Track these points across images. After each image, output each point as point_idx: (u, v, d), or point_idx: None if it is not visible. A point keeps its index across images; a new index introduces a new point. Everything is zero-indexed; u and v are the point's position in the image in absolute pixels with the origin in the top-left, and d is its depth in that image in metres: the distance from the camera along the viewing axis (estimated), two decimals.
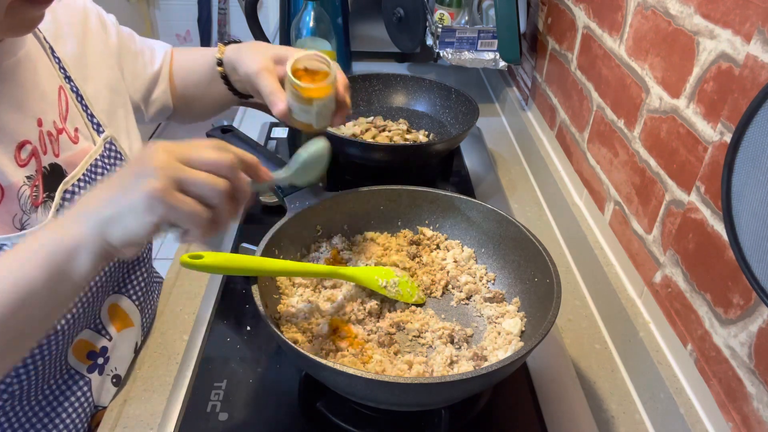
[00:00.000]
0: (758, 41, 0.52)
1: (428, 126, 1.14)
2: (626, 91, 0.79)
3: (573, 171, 0.98)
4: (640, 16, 0.75)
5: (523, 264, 0.71)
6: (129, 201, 0.46)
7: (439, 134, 1.12)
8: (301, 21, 1.15)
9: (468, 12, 1.31)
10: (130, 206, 0.46)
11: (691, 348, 0.63)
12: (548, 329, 0.56)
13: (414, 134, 1.10)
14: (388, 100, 1.20)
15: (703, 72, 0.61)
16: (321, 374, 0.56)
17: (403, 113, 1.18)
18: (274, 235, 0.67)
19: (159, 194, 0.46)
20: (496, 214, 0.74)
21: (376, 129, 1.09)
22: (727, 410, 0.57)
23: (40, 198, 0.59)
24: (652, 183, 0.72)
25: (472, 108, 1.07)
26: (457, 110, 1.12)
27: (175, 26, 3.32)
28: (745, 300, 0.54)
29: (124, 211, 0.47)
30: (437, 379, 0.51)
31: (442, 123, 1.14)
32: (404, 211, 0.80)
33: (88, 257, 0.47)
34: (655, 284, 0.70)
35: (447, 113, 1.15)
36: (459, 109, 1.12)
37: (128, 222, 0.47)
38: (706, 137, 0.60)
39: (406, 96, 1.19)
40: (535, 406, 0.66)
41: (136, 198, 0.46)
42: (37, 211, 0.58)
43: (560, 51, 1.05)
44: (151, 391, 0.68)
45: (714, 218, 0.58)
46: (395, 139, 1.06)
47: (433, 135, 1.12)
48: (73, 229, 0.47)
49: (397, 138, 1.06)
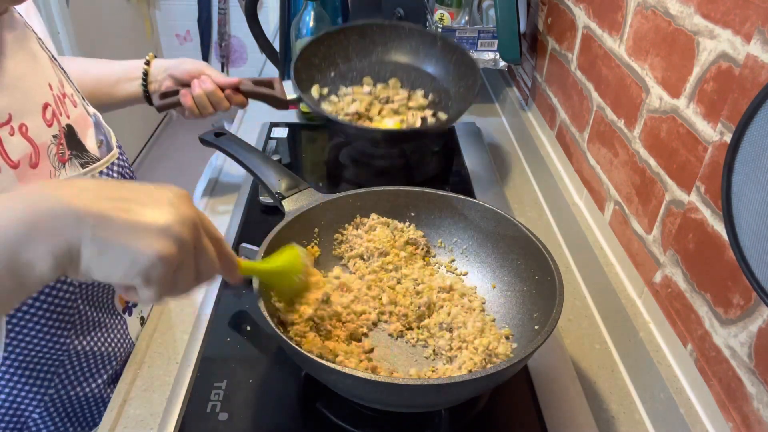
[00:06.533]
0: (758, 41, 0.52)
1: (424, 83, 1.08)
2: (626, 91, 0.79)
3: (573, 171, 0.98)
4: (640, 16, 0.75)
5: (523, 263, 0.71)
6: (128, 243, 0.40)
7: (438, 93, 1.07)
8: (301, 21, 1.15)
9: (468, 12, 1.31)
10: (125, 249, 0.40)
11: (691, 348, 0.63)
12: (553, 327, 0.56)
13: (415, 98, 1.07)
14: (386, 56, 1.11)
15: (703, 72, 0.61)
16: (323, 376, 0.56)
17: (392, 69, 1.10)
18: (273, 239, 0.67)
19: (168, 266, 0.41)
20: (495, 213, 0.74)
21: (380, 102, 1.05)
22: (727, 410, 0.57)
23: (66, 155, 0.64)
24: (652, 183, 0.72)
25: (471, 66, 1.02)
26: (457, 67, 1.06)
27: (175, 26, 3.32)
28: (745, 300, 0.54)
29: (114, 247, 0.40)
30: (438, 381, 0.51)
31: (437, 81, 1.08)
32: (402, 211, 0.80)
33: (46, 259, 0.40)
34: (655, 284, 0.70)
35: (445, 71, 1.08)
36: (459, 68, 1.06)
37: (111, 260, 0.40)
38: (706, 137, 0.60)
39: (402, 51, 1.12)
40: (535, 406, 0.66)
41: (139, 248, 0.40)
42: (65, 167, 0.64)
43: (560, 51, 1.05)
44: (151, 391, 0.68)
45: (714, 218, 0.58)
46: (401, 111, 1.03)
47: (433, 95, 1.07)
48: (43, 221, 0.39)
49: (403, 109, 1.04)
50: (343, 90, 1.08)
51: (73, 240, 0.39)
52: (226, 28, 3.29)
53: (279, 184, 0.77)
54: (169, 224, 0.41)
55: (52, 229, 0.39)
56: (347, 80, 1.10)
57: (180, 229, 0.41)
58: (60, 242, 0.39)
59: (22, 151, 0.58)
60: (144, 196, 0.43)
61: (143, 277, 0.41)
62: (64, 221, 0.39)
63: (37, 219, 0.39)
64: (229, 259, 0.50)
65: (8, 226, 0.39)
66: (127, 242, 0.40)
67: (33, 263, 0.39)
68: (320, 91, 1.07)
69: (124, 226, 0.40)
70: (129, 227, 0.40)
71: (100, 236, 0.39)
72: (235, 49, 3.37)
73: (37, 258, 0.39)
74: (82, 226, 0.39)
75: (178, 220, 0.42)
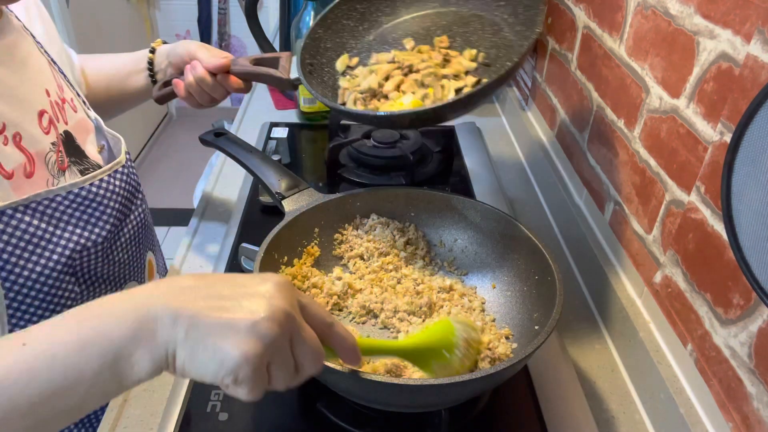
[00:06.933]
0: (758, 41, 0.52)
1: (483, 36, 0.79)
2: (626, 91, 0.79)
3: (573, 171, 0.98)
4: (640, 16, 0.75)
5: (523, 263, 0.71)
6: (215, 344, 0.39)
7: (497, 48, 0.77)
8: (301, 21, 1.15)
9: None
10: (212, 349, 0.39)
11: (691, 348, 0.63)
12: (553, 327, 0.56)
13: (456, 62, 0.77)
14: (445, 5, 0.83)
15: (703, 72, 0.61)
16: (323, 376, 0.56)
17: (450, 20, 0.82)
18: (273, 239, 0.67)
19: (254, 365, 0.39)
20: (495, 213, 0.74)
21: (401, 71, 0.78)
22: (727, 410, 0.57)
23: (66, 163, 0.64)
24: (652, 183, 0.72)
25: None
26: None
27: (175, 26, 3.33)
28: (745, 300, 0.54)
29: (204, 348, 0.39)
30: (438, 381, 0.51)
31: (497, 25, 0.79)
32: (402, 211, 0.80)
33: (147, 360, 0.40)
34: (655, 284, 0.70)
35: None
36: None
37: (201, 360, 0.40)
38: (706, 137, 0.60)
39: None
40: (535, 406, 0.66)
41: (224, 348, 0.39)
42: (64, 174, 0.64)
43: (560, 51, 1.05)
44: (151, 391, 0.68)
45: (714, 218, 0.58)
46: (427, 82, 0.75)
47: (489, 53, 0.77)
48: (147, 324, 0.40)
49: (430, 80, 0.74)
50: (374, 58, 0.84)
51: (169, 341, 0.39)
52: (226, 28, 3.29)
53: (279, 184, 0.77)
54: (257, 321, 0.39)
55: (152, 332, 0.39)
56: (387, 43, 0.86)
57: (268, 325, 0.40)
58: (158, 345, 0.39)
59: (16, 161, 0.58)
60: (242, 291, 0.41)
61: (232, 378, 0.40)
62: (162, 323, 0.39)
63: (141, 323, 0.39)
64: (345, 344, 0.47)
65: (116, 330, 0.39)
66: (214, 343, 0.39)
67: (134, 365, 0.39)
68: (348, 61, 0.84)
69: (215, 326, 0.39)
70: (219, 327, 0.39)
71: (192, 337, 0.39)
72: (235, 49, 3.37)
73: (138, 360, 0.39)
74: (177, 326, 0.39)
75: (267, 316, 0.40)
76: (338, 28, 0.85)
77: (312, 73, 0.80)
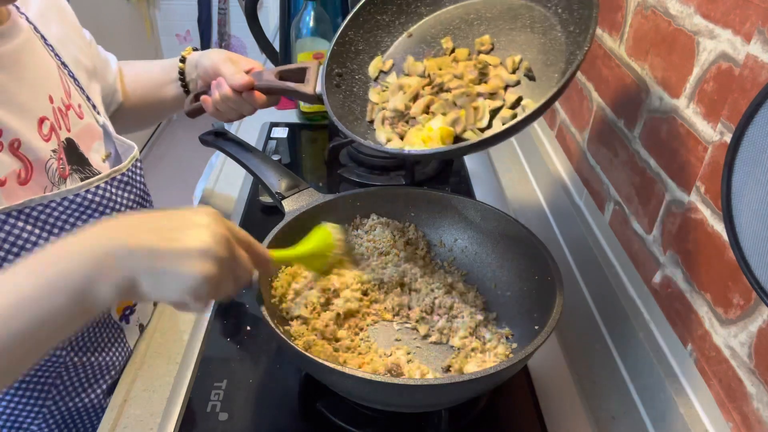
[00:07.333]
0: (758, 41, 0.52)
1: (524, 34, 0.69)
2: (626, 91, 0.79)
3: (573, 171, 0.98)
4: (640, 16, 0.75)
5: (523, 262, 0.71)
6: (177, 270, 0.46)
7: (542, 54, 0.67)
8: (301, 21, 1.15)
9: None
10: (175, 275, 0.46)
11: (691, 348, 0.63)
12: (553, 327, 0.57)
13: (494, 76, 0.68)
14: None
15: (703, 72, 0.61)
16: (323, 377, 0.56)
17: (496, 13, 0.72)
18: (273, 239, 0.67)
19: (212, 282, 0.46)
20: (495, 213, 0.74)
21: (430, 88, 0.69)
22: (727, 410, 0.57)
23: (67, 170, 0.64)
24: (652, 183, 0.72)
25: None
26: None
27: (175, 26, 3.33)
28: (745, 300, 0.54)
29: (166, 274, 0.46)
30: (438, 381, 0.51)
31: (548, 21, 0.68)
32: (402, 211, 0.80)
33: (111, 291, 0.46)
34: (655, 284, 0.70)
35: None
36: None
37: (165, 284, 0.46)
38: (706, 137, 0.60)
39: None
40: (535, 406, 0.66)
41: (186, 272, 0.46)
42: (65, 182, 0.63)
43: None
44: (151, 391, 0.68)
45: (714, 218, 0.58)
46: (459, 103, 0.65)
47: (527, 63, 0.67)
48: (105, 260, 0.45)
49: (462, 101, 0.65)
50: (409, 61, 0.74)
51: (131, 273, 0.45)
52: (226, 28, 3.30)
53: (279, 184, 0.77)
54: (208, 246, 0.46)
55: (112, 267, 0.45)
56: (425, 42, 0.76)
57: (217, 248, 0.47)
58: (121, 276, 0.45)
59: (9, 167, 0.57)
60: (182, 222, 0.48)
61: (193, 295, 0.46)
62: (122, 258, 0.45)
63: (99, 261, 0.45)
64: (262, 257, 0.55)
65: (77, 270, 0.45)
66: (175, 268, 0.46)
67: (98, 296, 0.45)
68: (382, 65, 0.76)
69: (171, 254, 0.46)
70: (175, 255, 0.46)
71: (153, 266, 0.45)
72: (235, 49, 3.36)
73: (102, 291, 0.45)
74: (137, 259, 0.45)
75: (215, 241, 0.47)
76: (371, 26, 0.77)
77: (340, 86, 0.73)
